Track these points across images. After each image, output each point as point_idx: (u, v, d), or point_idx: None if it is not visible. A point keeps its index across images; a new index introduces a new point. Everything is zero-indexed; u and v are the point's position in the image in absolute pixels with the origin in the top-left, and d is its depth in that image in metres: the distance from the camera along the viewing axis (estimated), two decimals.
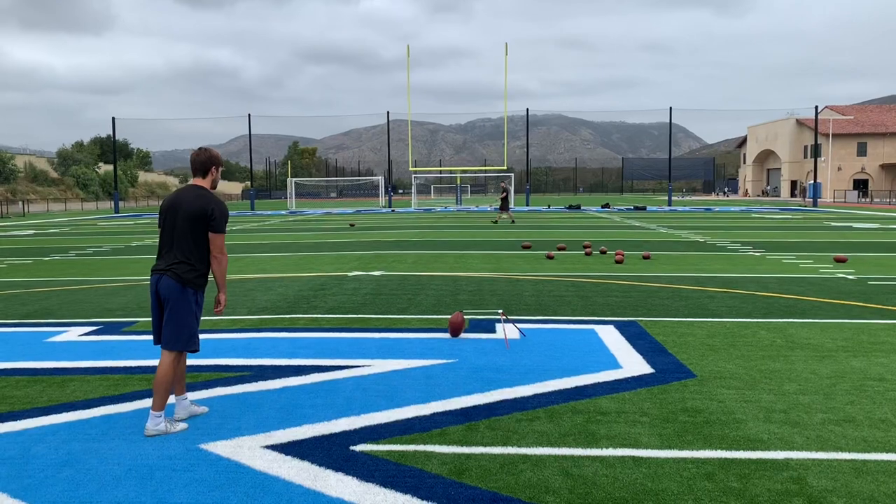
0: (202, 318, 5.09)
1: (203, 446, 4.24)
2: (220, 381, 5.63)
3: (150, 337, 5.71)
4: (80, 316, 8.60)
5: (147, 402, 5.00)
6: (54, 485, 3.72)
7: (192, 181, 4.92)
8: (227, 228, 7.02)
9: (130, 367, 6.09)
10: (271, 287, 10.80)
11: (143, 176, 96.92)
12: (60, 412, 4.91)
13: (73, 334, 7.51)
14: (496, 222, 29.48)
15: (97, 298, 9.96)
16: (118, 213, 49.65)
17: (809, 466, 3.87)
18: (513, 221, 30.04)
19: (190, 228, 4.59)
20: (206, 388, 5.42)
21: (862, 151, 73.43)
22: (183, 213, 4.60)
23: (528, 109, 53.25)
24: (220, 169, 4.93)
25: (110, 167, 71.10)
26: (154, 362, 6.11)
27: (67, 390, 5.44)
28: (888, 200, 59.61)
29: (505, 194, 30.58)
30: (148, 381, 5.64)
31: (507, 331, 7.23)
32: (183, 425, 4.55)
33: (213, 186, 4.89)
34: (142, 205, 77.12)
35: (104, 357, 6.46)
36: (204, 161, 4.81)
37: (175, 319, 4.55)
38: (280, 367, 6.03)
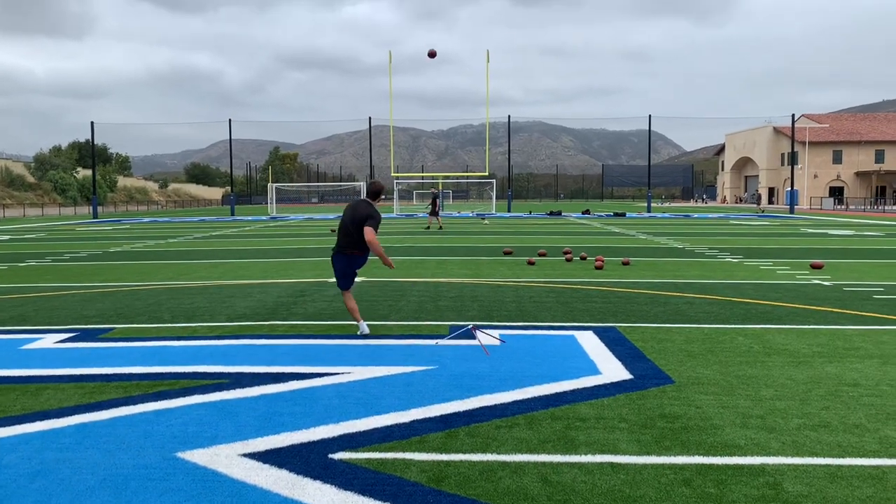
0: (183, 325, 7.09)
1: (180, 455, 4.20)
2: (198, 388, 5.58)
3: (128, 344, 7.13)
4: (56, 323, 8.50)
5: (124, 411, 5.00)
6: (26, 496, 3.67)
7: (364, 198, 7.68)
8: (211, 234, 8.22)
9: (106, 375, 6.02)
10: (251, 293, 10.74)
11: (122, 181, 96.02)
12: (34, 421, 4.84)
13: (48, 341, 7.42)
14: (428, 227, 29.64)
15: (74, 305, 9.84)
16: (97, 218, 49.15)
17: (785, 472, 3.90)
18: (441, 227, 29.93)
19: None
20: (184, 396, 5.37)
21: (837, 159, 74.46)
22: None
23: (509, 116, 53.49)
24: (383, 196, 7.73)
25: (89, 172, 70.43)
26: (130, 369, 6.15)
27: (41, 398, 5.37)
28: (863, 207, 60.44)
29: (434, 200, 30.97)
30: (125, 388, 5.59)
31: (487, 337, 7.24)
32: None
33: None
34: (121, 210, 76.38)
35: (80, 365, 6.38)
36: (376, 191, 7.70)
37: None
38: (259, 374, 5.99)
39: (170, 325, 8.28)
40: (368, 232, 7.29)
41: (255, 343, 7.20)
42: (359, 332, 7.54)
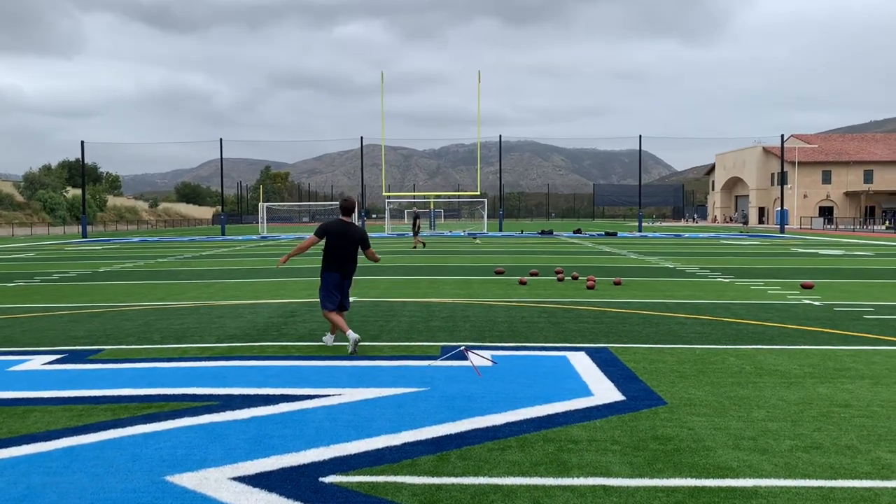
0: (173, 346, 7.58)
1: (169, 479, 4.15)
2: (188, 410, 5.53)
3: (117, 365, 7.18)
4: (45, 344, 8.42)
5: (112, 434, 4.95)
6: None
7: (342, 217, 8.07)
8: (202, 254, 8.59)
9: (95, 397, 5.96)
10: (241, 314, 10.69)
11: (112, 200, 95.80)
12: (20, 444, 4.78)
13: (36, 363, 7.35)
14: (415, 247, 29.85)
15: (62, 326, 9.77)
16: (86, 237, 48.94)
17: (778, 494, 3.89)
18: (424, 245, 30.66)
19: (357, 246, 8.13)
20: (173, 419, 5.31)
21: (826, 179, 75.08)
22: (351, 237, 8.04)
23: (500, 136, 53.70)
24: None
25: (78, 191, 70.23)
26: (119, 391, 6.10)
27: (28, 421, 5.31)
28: (853, 227, 60.86)
29: (416, 220, 31.75)
30: (113, 410, 5.54)
31: (479, 358, 7.21)
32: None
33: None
34: (110, 229, 76.12)
35: (68, 387, 6.32)
36: (349, 207, 8.14)
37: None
38: (249, 396, 5.94)
39: (159, 346, 8.22)
40: (374, 254, 8.65)
41: (246, 364, 7.16)
42: (349, 349, 7.65)
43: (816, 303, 11.64)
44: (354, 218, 8.20)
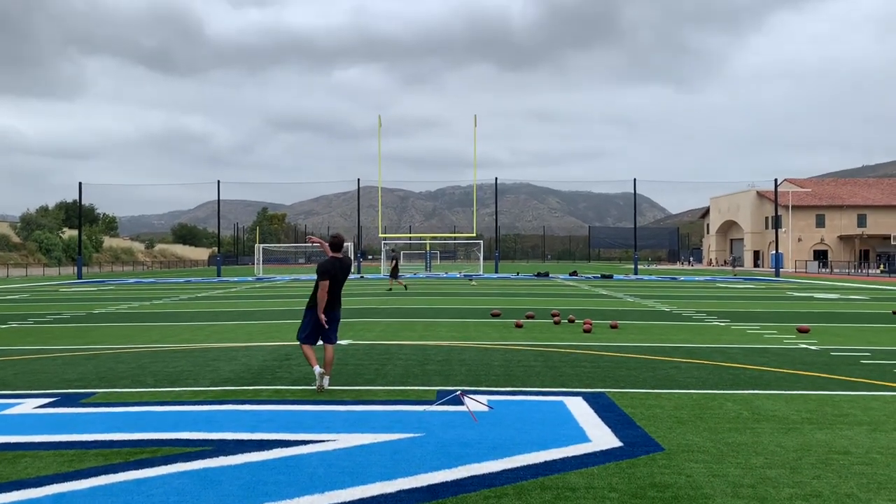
0: (166, 389, 7.85)
1: None
2: (181, 456, 5.46)
3: (110, 409, 7.14)
4: (37, 387, 8.34)
5: (103, 480, 4.88)
6: None
7: (334, 255, 8.19)
8: (197, 296, 8.62)
9: (86, 442, 5.88)
10: (235, 357, 10.62)
11: (108, 241, 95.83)
12: (10, 490, 4.71)
13: (28, 407, 7.27)
14: (390, 289, 29.90)
15: (55, 368, 9.69)
16: (81, 278, 48.81)
17: None
18: (405, 287, 30.91)
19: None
20: (166, 464, 5.25)
21: (820, 223, 75.51)
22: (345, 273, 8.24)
23: (496, 178, 54.09)
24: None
25: (75, 232, 70.22)
26: (111, 436, 6.02)
27: (18, 467, 5.24)
28: (847, 271, 61.03)
29: (394, 261, 32.20)
30: (105, 455, 5.47)
31: (475, 403, 7.16)
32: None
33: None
34: (106, 270, 75.96)
35: (59, 431, 6.25)
36: (340, 243, 8.25)
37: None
38: (242, 441, 5.88)
39: (153, 389, 8.15)
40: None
41: (240, 409, 7.09)
42: (316, 379, 7.95)
43: (813, 347, 11.62)
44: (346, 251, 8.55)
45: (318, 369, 7.89)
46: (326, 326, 8.02)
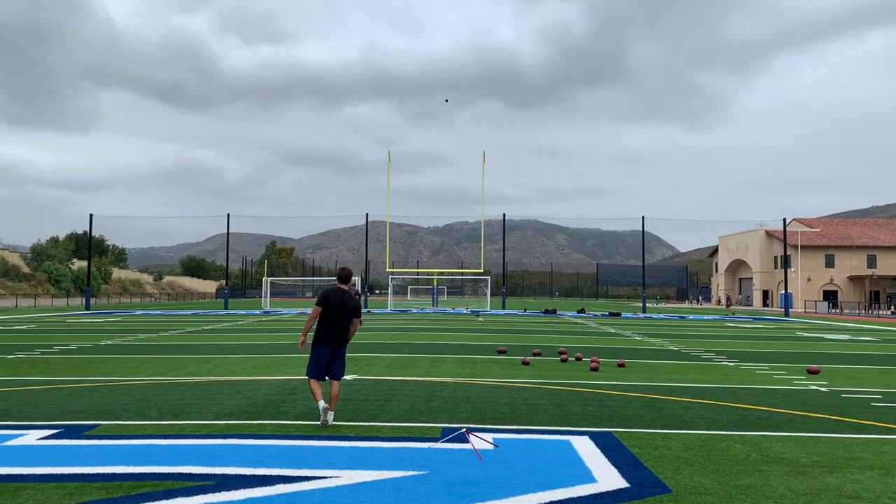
0: (170, 422, 7.96)
1: None
2: (183, 490, 5.42)
3: (113, 441, 7.12)
4: (41, 418, 8.32)
5: None
6: None
7: (339, 285, 8.28)
8: (203, 328, 8.76)
9: (88, 475, 5.84)
10: (240, 391, 10.58)
11: (116, 273, 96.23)
12: None
13: (31, 438, 7.24)
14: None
15: (60, 400, 9.67)
16: (89, 310, 48.93)
17: None
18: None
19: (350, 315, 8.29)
20: (168, 498, 5.20)
21: (830, 263, 75.22)
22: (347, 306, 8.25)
23: (504, 214, 54.24)
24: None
25: (84, 263, 70.60)
26: (114, 469, 5.98)
27: (20, 499, 5.20)
28: (858, 312, 60.60)
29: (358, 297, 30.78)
30: (107, 489, 5.44)
31: (480, 441, 7.10)
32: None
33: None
34: (114, 301, 76.14)
35: (62, 463, 6.21)
36: (347, 276, 8.33)
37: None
38: (245, 476, 5.83)
39: (157, 422, 8.11)
40: (357, 324, 8.43)
41: (243, 443, 7.04)
42: (320, 412, 7.92)
43: (823, 388, 11.49)
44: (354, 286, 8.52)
45: (322, 404, 7.90)
46: (301, 349, 8.40)
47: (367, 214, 53.68)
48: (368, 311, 48.14)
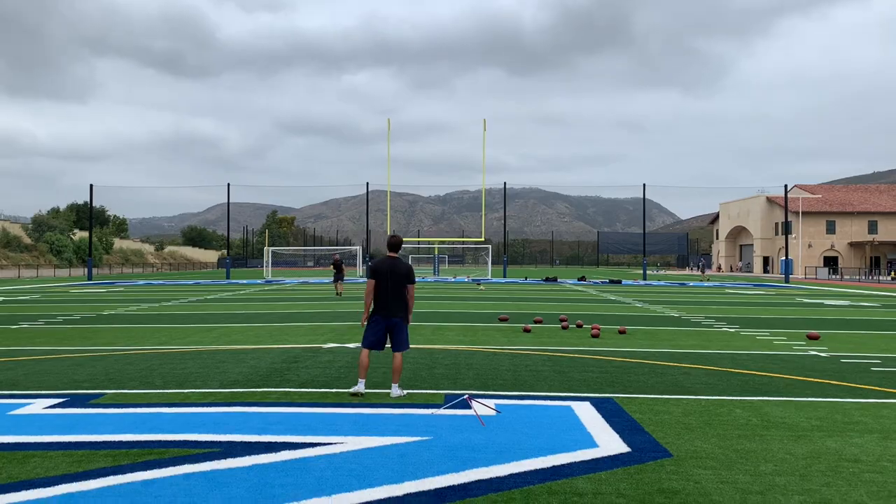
0: (175, 391, 8.00)
1: None
2: (189, 457, 5.48)
3: (119, 410, 7.18)
4: (46, 387, 8.39)
5: (112, 480, 4.90)
6: None
7: (389, 254, 8.09)
8: (206, 298, 8.43)
9: (95, 442, 5.91)
10: (243, 359, 10.65)
11: (118, 243, 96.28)
12: (19, 490, 4.73)
13: (37, 407, 7.31)
14: (339, 294, 27.49)
15: (64, 369, 9.74)
16: (91, 280, 49.06)
17: None
18: (339, 294, 27.60)
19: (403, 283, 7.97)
20: (174, 465, 5.26)
21: (831, 229, 75.15)
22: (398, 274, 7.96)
23: (505, 183, 54.09)
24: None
25: (85, 234, 70.61)
26: (120, 437, 6.04)
27: (28, 467, 5.26)
28: (858, 278, 60.68)
29: (338, 266, 28.38)
30: (114, 456, 5.50)
31: (483, 407, 7.16)
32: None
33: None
34: (116, 272, 76.31)
35: (68, 432, 6.28)
36: (397, 243, 8.16)
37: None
38: (250, 443, 5.89)
39: (161, 390, 8.18)
40: (412, 290, 8.09)
41: (248, 411, 7.10)
42: (351, 391, 7.90)
43: (823, 354, 11.56)
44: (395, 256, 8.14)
45: (358, 388, 7.82)
46: (362, 325, 8.05)
47: (367, 184, 53.55)
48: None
